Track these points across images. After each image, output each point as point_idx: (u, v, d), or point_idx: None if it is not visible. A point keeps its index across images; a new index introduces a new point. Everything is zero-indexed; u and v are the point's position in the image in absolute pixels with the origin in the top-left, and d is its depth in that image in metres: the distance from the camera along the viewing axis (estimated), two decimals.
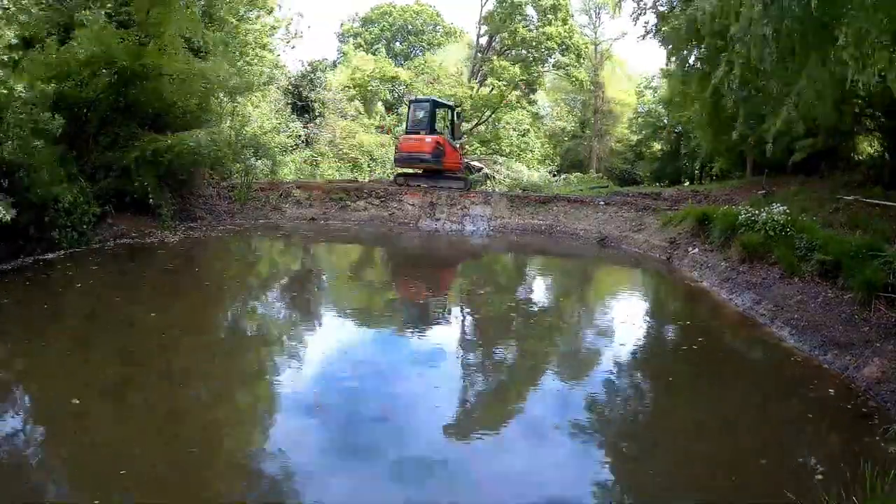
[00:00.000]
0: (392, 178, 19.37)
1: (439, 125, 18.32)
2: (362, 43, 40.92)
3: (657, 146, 33.52)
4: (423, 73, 26.48)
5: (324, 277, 11.51)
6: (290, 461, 4.14)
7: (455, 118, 18.93)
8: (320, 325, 7.96)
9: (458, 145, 18.63)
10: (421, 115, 17.93)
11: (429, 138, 17.29)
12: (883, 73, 6.94)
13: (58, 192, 9.44)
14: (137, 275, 9.21)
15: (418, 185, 17.79)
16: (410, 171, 18.29)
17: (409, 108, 19.54)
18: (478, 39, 30.84)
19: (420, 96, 20.04)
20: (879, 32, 6.52)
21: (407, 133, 18.39)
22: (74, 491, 3.75)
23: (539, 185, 22.98)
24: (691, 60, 19.12)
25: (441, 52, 37.27)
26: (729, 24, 9.40)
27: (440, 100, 19.40)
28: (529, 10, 27.47)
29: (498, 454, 4.52)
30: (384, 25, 43.56)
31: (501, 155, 29.01)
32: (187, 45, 12.87)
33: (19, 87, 8.97)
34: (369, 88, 26.79)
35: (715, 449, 4.67)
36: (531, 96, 31.36)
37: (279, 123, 21.87)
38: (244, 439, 4.55)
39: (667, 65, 20.95)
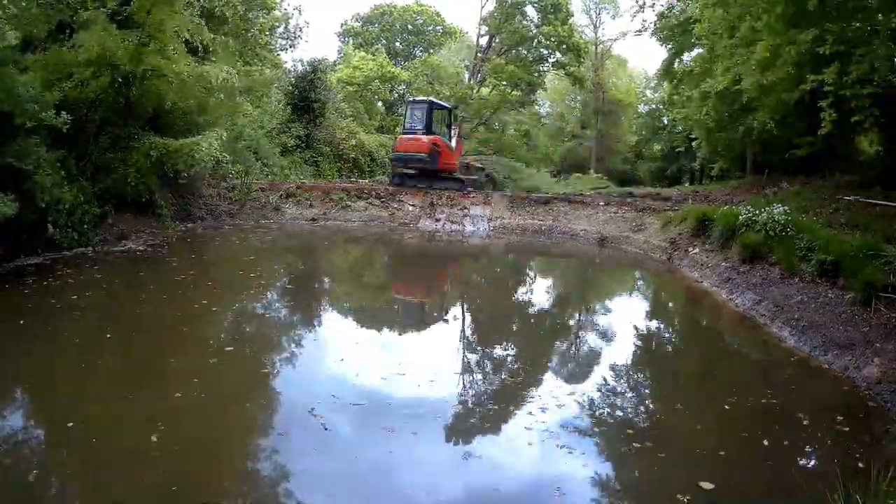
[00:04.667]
0: (389, 178, 19.41)
1: (437, 126, 18.31)
2: (362, 43, 40.90)
3: (657, 146, 33.58)
4: (423, 74, 26.44)
5: (325, 280, 11.52)
6: None
7: (452, 119, 18.96)
8: (320, 325, 7.97)
9: (454, 146, 18.64)
10: (419, 116, 17.98)
11: (425, 139, 17.31)
12: None
13: (59, 192, 9.44)
14: (136, 277, 9.19)
15: (414, 186, 17.78)
16: (409, 171, 18.32)
17: (406, 108, 19.54)
18: (478, 39, 30.83)
19: (418, 97, 20.11)
20: None
21: (403, 133, 18.40)
22: (74, 492, 3.76)
23: (539, 185, 22.99)
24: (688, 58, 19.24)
25: (441, 51, 37.26)
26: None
27: (438, 101, 19.44)
28: (530, 10, 27.47)
29: (496, 455, 4.54)
30: (384, 25, 43.54)
31: (502, 155, 29.02)
32: (187, 45, 12.84)
33: (28, 88, 8.93)
34: (370, 88, 26.78)
35: (716, 449, 4.67)
36: (531, 96, 31.35)
37: (279, 124, 21.85)
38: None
39: (665, 63, 21.03)
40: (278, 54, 24.02)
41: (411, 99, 20.07)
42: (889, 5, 9.20)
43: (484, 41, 30.39)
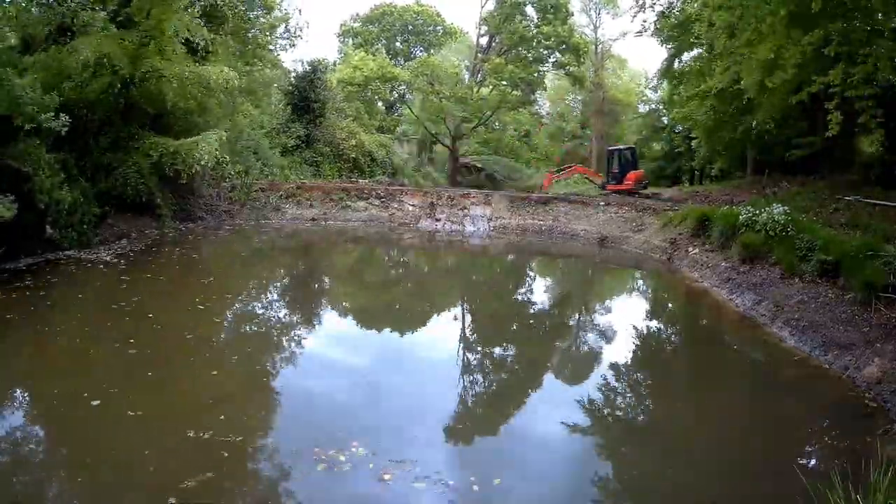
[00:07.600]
0: None
1: None
2: (362, 43, 40.83)
3: (657, 146, 33.53)
4: (423, 74, 26.30)
5: (324, 279, 11.51)
6: None
7: None
8: (321, 325, 7.96)
9: None
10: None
11: None
12: None
13: (59, 193, 9.43)
14: (134, 277, 9.18)
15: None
16: None
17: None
18: (478, 39, 30.80)
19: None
20: None
21: None
22: (72, 493, 3.75)
23: (539, 185, 22.97)
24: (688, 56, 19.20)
25: (441, 51, 37.22)
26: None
27: None
28: (530, 10, 27.41)
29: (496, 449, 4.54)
30: (384, 25, 43.49)
31: (502, 156, 29.00)
32: (187, 45, 12.83)
33: (27, 90, 8.91)
34: (370, 88, 26.72)
35: (717, 449, 4.66)
36: (531, 96, 31.30)
37: (279, 124, 21.83)
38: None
39: (665, 63, 20.99)
40: (278, 55, 23.97)
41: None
42: (890, 6, 9.18)
43: (484, 41, 30.36)
